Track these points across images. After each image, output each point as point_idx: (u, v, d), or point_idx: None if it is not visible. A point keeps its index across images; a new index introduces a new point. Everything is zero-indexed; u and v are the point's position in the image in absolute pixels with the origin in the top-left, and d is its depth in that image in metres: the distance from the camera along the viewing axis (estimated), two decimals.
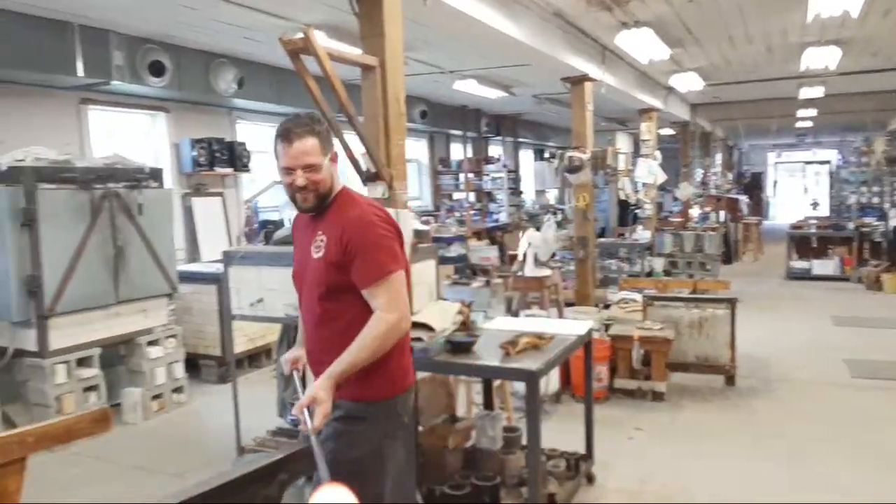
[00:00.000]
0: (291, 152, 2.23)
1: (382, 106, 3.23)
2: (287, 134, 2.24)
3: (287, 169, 2.25)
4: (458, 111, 11.88)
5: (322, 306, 2.32)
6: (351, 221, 2.28)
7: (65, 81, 5.79)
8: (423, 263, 3.99)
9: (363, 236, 2.25)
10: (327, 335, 2.32)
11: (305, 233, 2.40)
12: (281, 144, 2.25)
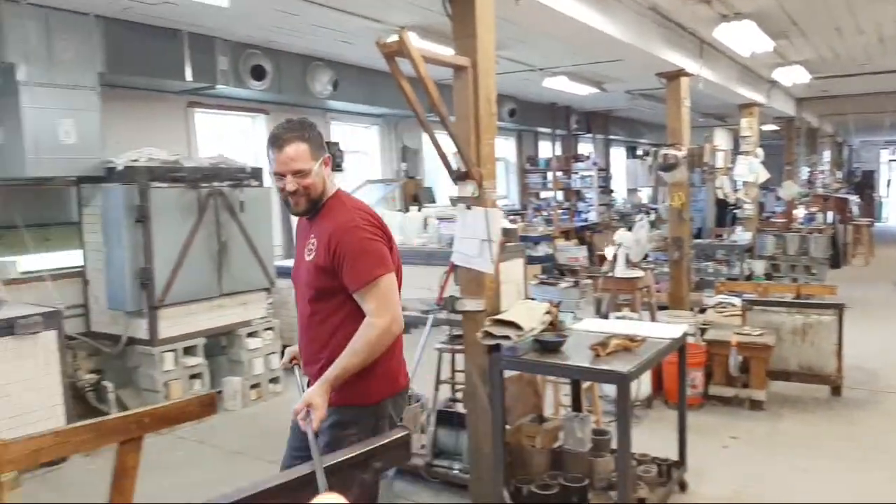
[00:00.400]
0: (282, 158, 2.28)
1: (473, 106, 3.25)
2: (277, 140, 2.29)
3: (278, 174, 2.30)
4: (547, 109, 11.78)
5: (312, 307, 2.39)
6: (338, 226, 2.32)
7: (175, 86, 6.15)
8: (511, 262, 3.99)
9: (350, 241, 2.28)
10: (318, 335, 2.39)
11: (302, 235, 2.47)
12: (272, 150, 2.30)
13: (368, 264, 2.29)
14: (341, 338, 2.31)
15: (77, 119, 5.00)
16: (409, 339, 6.23)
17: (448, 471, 3.93)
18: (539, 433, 3.56)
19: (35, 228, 5.27)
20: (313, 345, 2.42)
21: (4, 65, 4.70)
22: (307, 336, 2.45)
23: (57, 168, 4.97)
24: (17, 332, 4.28)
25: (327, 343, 2.35)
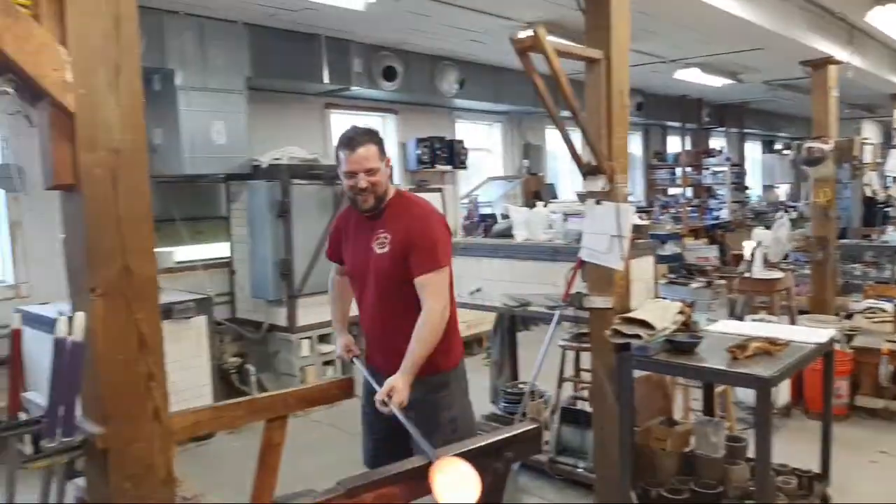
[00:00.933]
0: (355, 157, 2.49)
1: (606, 98, 3.22)
2: (350, 142, 2.51)
3: (349, 173, 2.50)
4: (676, 102, 11.34)
5: (387, 296, 2.60)
6: (417, 218, 2.58)
7: (313, 88, 6.50)
8: (641, 260, 3.89)
9: (426, 231, 2.55)
10: (391, 321, 2.61)
11: (360, 231, 2.66)
12: (344, 151, 2.51)
13: (436, 252, 2.54)
14: (412, 320, 2.52)
15: (227, 121, 5.40)
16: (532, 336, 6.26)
17: (572, 468, 3.91)
18: (669, 436, 3.47)
19: (189, 222, 5.74)
20: (388, 330, 2.64)
21: (165, 70, 5.16)
22: (381, 323, 2.66)
23: (209, 166, 5.40)
24: (173, 316, 4.70)
25: (401, 326, 2.54)
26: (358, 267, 2.69)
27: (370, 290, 2.65)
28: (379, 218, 2.61)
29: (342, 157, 2.53)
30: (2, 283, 4.95)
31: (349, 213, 2.78)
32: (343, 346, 2.87)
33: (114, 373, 1.62)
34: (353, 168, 2.49)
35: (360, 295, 2.73)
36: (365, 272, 2.64)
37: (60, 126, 1.57)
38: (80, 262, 1.64)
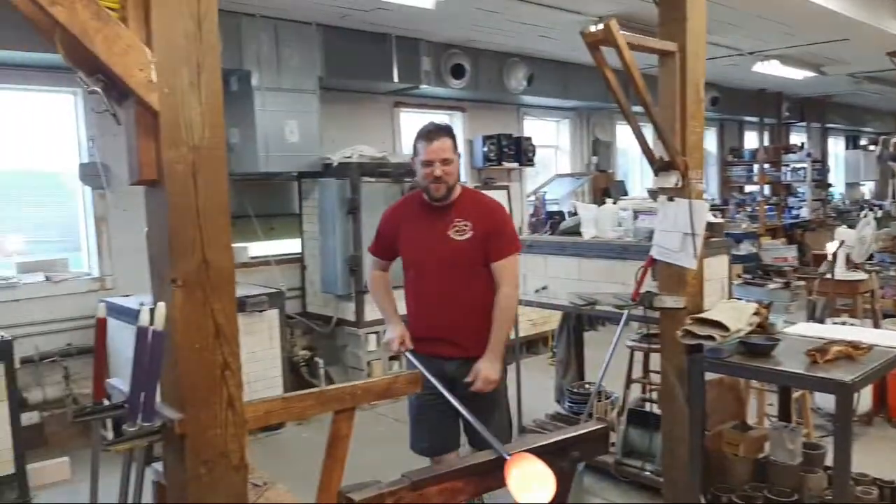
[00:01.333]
0: (433, 148, 2.77)
1: (680, 92, 3.13)
2: (430, 134, 2.79)
3: (427, 162, 2.76)
4: (754, 96, 10.93)
5: (459, 281, 2.82)
6: (493, 208, 2.93)
7: (382, 87, 6.58)
8: (715, 259, 3.79)
9: (501, 220, 2.91)
10: (458, 305, 2.83)
11: (428, 220, 2.87)
12: (422, 142, 2.79)
13: (511, 239, 2.92)
14: (485, 302, 2.82)
15: (300, 120, 5.54)
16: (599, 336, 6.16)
17: (639, 471, 3.84)
18: (742, 441, 3.35)
19: (263, 218, 5.92)
20: (463, 312, 2.83)
21: (242, 72, 5.33)
22: (453, 308, 2.83)
23: (283, 164, 5.55)
24: (247, 309, 4.86)
25: (477, 306, 2.83)
26: (424, 254, 2.85)
27: (436, 276, 2.83)
28: (451, 208, 2.84)
29: (420, 147, 2.79)
30: (87, 276, 5.22)
31: (405, 206, 3.03)
32: (399, 336, 2.91)
33: (191, 361, 1.69)
34: (430, 157, 2.75)
35: (417, 282, 2.88)
36: (434, 258, 2.83)
37: (145, 124, 1.64)
38: (162, 255, 1.71)
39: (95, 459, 1.92)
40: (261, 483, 2.21)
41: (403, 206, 3.05)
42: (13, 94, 5.00)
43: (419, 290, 2.88)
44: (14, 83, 4.88)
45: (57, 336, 4.92)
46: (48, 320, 4.91)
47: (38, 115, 5.12)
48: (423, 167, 2.78)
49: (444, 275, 2.81)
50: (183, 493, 1.72)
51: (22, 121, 5.04)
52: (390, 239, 2.95)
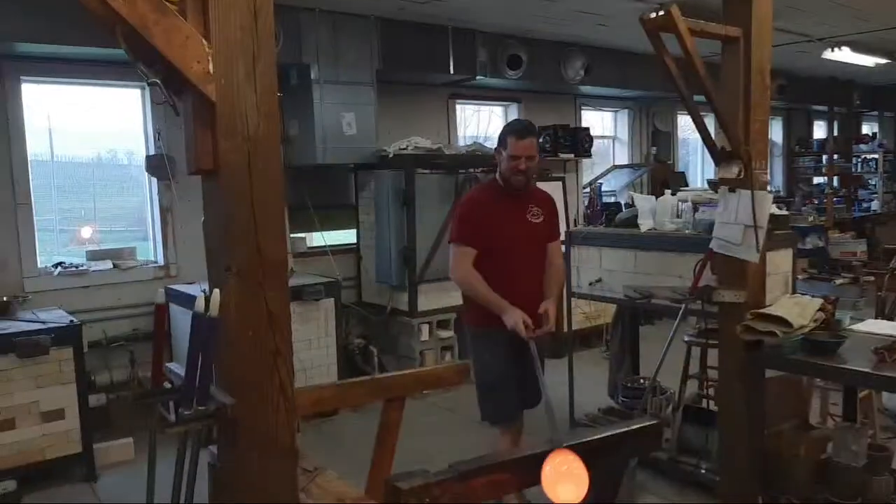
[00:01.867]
0: (523, 144, 3.17)
1: (744, 79, 3.02)
2: (522, 132, 3.20)
3: (515, 156, 3.16)
4: (823, 84, 10.46)
5: (538, 258, 3.33)
6: (548, 197, 3.48)
7: (438, 79, 6.58)
8: (779, 253, 3.66)
9: (555, 207, 3.49)
10: (536, 279, 3.31)
11: (509, 207, 3.27)
12: (513, 138, 3.17)
13: (559, 223, 3.53)
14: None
15: (357, 112, 5.59)
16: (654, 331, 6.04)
17: (694, 469, 3.75)
18: (804, 441, 3.23)
19: (320, 209, 6.01)
20: (539, 286, 3.32)
21: (301, 65, 5.41)
22: (534, 281, 3.30)
23: (340, 156, 5.61)
24: (303, 297, 4.95)
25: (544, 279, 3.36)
26: (511, 237, 3.23)
27: (522, 256, 3.24)
28: (526, 196, 3.31)
29: (510, 141, 3.17)
30: (153, 264, 5.41)
31: (486, 194, 3.38)
32: (521, 318, 3.06)
33: (244, 347, 1.73)
34: (518, 153, 3.15)
35: (505, 264, 3.20)
36: (520, 240, 3.25)
37: (202, 115, 1.69)
38: (218, 243, 1.76)
39: (153, 441, 1.99)
40: (311, 469, 2.26)
41: (484, 193, 3.40)
42: (85, 89, 5.20)
43: (508, 269, 3.19)
44: (85, 78, 5.09)
45: (124, 321, 5.12)
46: (115, 306, 5.12)
47: (109, 110, 5.32)
48: (510, 160, 3.16)
49: (528, 253, 3.27)
50: (234, 475, 1.76)
51: (94, 115, 5.25)
52: (480, 226, 3.21)
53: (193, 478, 1.82)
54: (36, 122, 4.93)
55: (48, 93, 5.05)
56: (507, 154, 3.18)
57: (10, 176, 4.75)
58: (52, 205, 5.16)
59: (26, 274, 4.83)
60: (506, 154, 3.19)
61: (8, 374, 3.93)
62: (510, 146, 3.17)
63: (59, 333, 4.05)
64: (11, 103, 4.74)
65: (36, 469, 4.06)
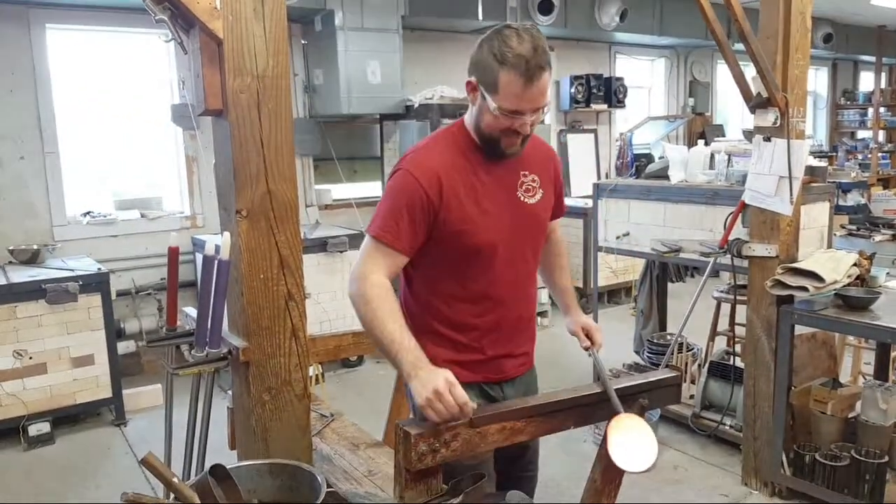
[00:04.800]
0: (531, 93, 1.62)
1: (784, 20, 2.86)
2: (531, 69, 1.59)
3: (517, 112, 1.64)
4: (872, 33, 9.97)
5: (534, 261, 1.93)
6: (549, 151, 1.98)
7: (466, 25, 6.39)
8: (814, 206, 3.53)
9: (558, 166, 1.99)
10: (534, 292, 1.98)
11: (489, 182, 1.77)
12: (518, 79, 1.60)
13: (563, 191, 2.05)
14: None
15: (382, 60, 5.47)
16: (685, 288, 5.94)
17: (717, 425, 3.71)
18: (832, 398, 3.16)
19: (345, 161, 5.96)
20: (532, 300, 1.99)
21: (325, 11, 5.30)
22: (528, 295, 1.94)
23: (365, 106, 5.51)
24: (328, 249, 4.94)
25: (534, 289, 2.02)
26: (496, 231, 1.78)
27: (508, 263, 1.82)
28: (516, 158, 1.80)
29: (509, 84, 1.61)
30: (180, 214, 5.45)
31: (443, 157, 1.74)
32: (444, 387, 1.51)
33: (255, 291, 1.72)
34: (524, 106, 1.64)
35: (481, 276, 1.79)
36: (506, 236, 1.80)
37: (209, 52, 1.64)
38: (227, 186, 1.73)
39: (169, 383, 2.00)
40: (328, 414, 2.26)
41: (445, 155, 1.75)
42: (110, 36, 5.17)
43: (484, 288, 1.80)
44: (110, 25, 5.05)
45: (151, 271, 5.19)
46: (143, 255, 5.18)
47: (134, 58, 5.29)
48: (503, 116, 1.65)
49: (517, 257, 1.84)
50: (248, 417, 1.77)
51: (119, 63, 5.23)
52: (430, 215, 1.69)
53: (207, 419, 1.83)
54: (61, 69, 4.93)
55: (73, 40, 5.04)
56: (500, 106, 1.64)
57: (37, 124, 4.79)
58: (77, 154, 5.20)
59: (56, 223, 4.90)
60: (494, 104, 1.64)
61: (38, 319, 4.02)
62: (507, 92, 1.62)
63: (87, 281, 4.12)
64: (37, 50, 4.74)
65: (67, 412, 4.19)
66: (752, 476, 3.33)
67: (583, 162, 7.71)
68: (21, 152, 4.76)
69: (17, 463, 3.86)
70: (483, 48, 1.66)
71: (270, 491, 1.57)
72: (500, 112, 1.64)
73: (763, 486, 3.29)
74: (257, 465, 1.58)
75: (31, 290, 3.98)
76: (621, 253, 4.29)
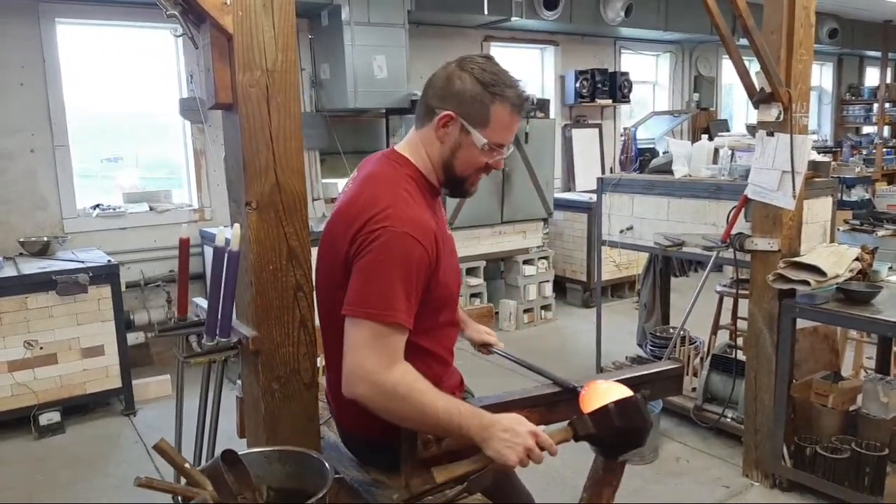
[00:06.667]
0: (516, 126, 1.63)
1: (788, 15, 2.88)
2: (521, 101, 1.61)
3: (501, 146, 1.61)
4: (878, 28, 9.95)
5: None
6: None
7: (472, 20, 6.42)
8: (817, 201, 3.55)
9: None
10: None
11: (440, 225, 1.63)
12: (511, 112, 1.58)
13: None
14: None
15: (388, 55, 5.50)
16: (688, 282, 5.93)
17: (719, 417, 3.74)
18: (833, 392, 3.19)
19: (351, 155, 5.99)
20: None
21: (332, 6, 5.32)
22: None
23: (371, 101, 5.55)
24: None
25: None
26: (454, 283, 1.71)
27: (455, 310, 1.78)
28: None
29: (505, 121, 1.58)
30: (188, 207, 5.49)
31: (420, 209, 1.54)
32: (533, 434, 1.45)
33: (265, 282, 1.75)
34: (508, 139, 1.63)
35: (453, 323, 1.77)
36: (458, 282, 1.78)
37: (220, 47, 1.67)
38: (237, 178, 1.77)
39: (180, 372, 2.04)
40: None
41: (423, 209, 1.56)
42: (119, 31, 5.21)
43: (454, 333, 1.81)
44: (119, 20, 5.09)
45: (160, 263, 5.24)
46: (152, 248, 5.23)
47: (143, 52, 5.33)
48: (488, 153, 1.59)
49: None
50: (257, 405, 1.81)
51: (128, 58, 5.27)
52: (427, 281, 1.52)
53: (217, 407, 1.88)
54: (70, 64, 4.97)
55: (82, 34, 5.08)
56: (490, 140, 1.58)
57: (48, 117, 4.84)
58: (87, 148, 5.24)
59: (66, 215, 4.95)
60: (483, 138, 1.57)
61: (49, 310, 4.07)
62: (499, 126, 1.58)
63: (97, 272, 4.17)
64: (47, 44, 4.78)
65: (77, 402, 4.25)
66: (753, 467, 3.37)
67: (587, 157, 7.74)
68: (31, 145, 4.81)
69: (29, 452, 3.92)
70: (465, 80, 1.55)
71: (279, 477, 1.60)
72: (489, 147, 1.58)
73: (764, 478, 3.32)
74: (266, 451, 1.62)
75: (42, 281, 4.03)
76: (625, 247, 4.32)
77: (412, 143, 1.65)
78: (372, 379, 1.41)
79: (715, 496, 3.29)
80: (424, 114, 1.62)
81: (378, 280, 1.43)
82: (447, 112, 1.56)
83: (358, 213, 1.49)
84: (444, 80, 1.58)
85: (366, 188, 1.56)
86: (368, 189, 1.55)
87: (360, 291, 1.43)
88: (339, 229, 1.53)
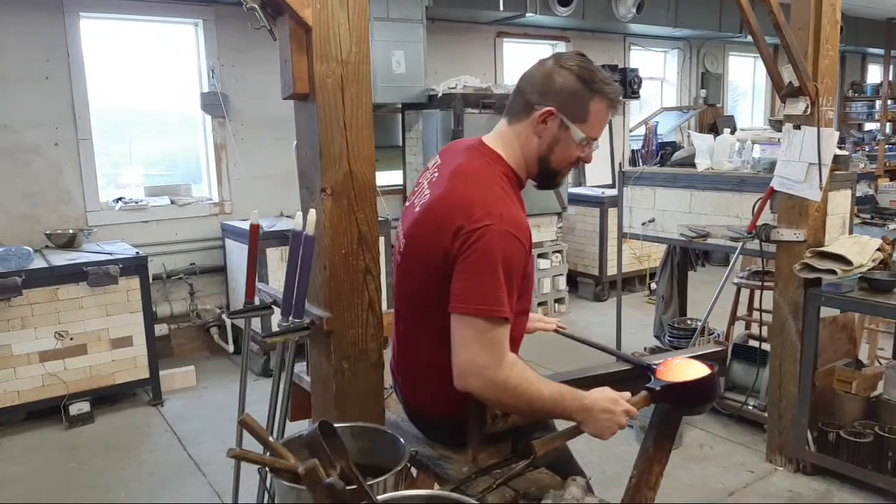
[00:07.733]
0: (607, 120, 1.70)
1: (815, 13, 2.97)
2: (617, 97, 1.66)
3: (594, 140, 1.68)
4: (881, 26, 10.07)
5: None
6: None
7: (487, 16, 6.48)
8: (839, 193, 3.64)
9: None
10: None
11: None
12: (607, 107, 1.65)
13: None
14: None
15: (406, 50, 5.56)
16: (699, 276, 6.02)
17: (742, 405, 3.83)
18: (856, 378, 3.28)
19: None
20: None
21: None
22: None
23: (390, 96, 5.60)
24: None
25: None
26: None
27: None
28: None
29: (602, 116, 1.65)
30: (209, 201, 5.55)
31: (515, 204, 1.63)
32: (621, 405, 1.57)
33: (337, 265, 1.82)
34: (600, 133, 1.70)
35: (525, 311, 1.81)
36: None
37: (298, 39, 1.74)
38: (312, 166, 1.83)
39: (245, 354, 2.11)
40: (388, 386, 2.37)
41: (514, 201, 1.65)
42: (142, 25, 5.25)
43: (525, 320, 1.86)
44: (142, 14, 5.13)
45: (182, 256, 5.30)
46: (174, 241, 5.29)
47: (165, 46, 5.38)
48: (584, 146, 1.67)
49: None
50: (327, 384, 1.88)
51: (150, 52, 5.32)
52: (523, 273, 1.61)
53: (288, 388, 1.95)
54: (94, 58, 5.01)
55: (106, 29, 5.12)
56: (588, 135, 1.65)
57: (71, 111, 4.88)
58: (109, 142, 5.29)
59: (89, 208, 5.00)
60: (582, 133, 1.64)
61: (79, 301, 4.13)
62: (597, 120, 1.65)
63: (126, 264, 4.23)
64: (71, 38, 4.83)
65: (106, 392, 4.31)
66: (777, 453, 3.46)
67: (598, 152, 7.75)
68: (56, 139, 4.85)
69: (60, 441, 3.98)
70: (565, 77, 1.60)
71: (353, 452, 1.66)
72: (587, 141, 1.65)
73: (787, 463, 3.41)
74: (340, 427, 1.69)
75: (72, 272, 4.09)
76: (647, 239, 4.40)
77: (505, 137, 1.70)
78: (487, 374, 1.49)
79: (740, 480, 3.38)
80: (521, 109, 1.65)
81: (485, 278, 1.48)
82: (548, 108, 1.61)
83: (456, 211, 1.53)
84: (543, 77, 1.63)
85: (459, 184, 1.60)
86: (463, 186, 1.59)
87: (468, 289, 1.49)
88: (434, 224, 1.57)
